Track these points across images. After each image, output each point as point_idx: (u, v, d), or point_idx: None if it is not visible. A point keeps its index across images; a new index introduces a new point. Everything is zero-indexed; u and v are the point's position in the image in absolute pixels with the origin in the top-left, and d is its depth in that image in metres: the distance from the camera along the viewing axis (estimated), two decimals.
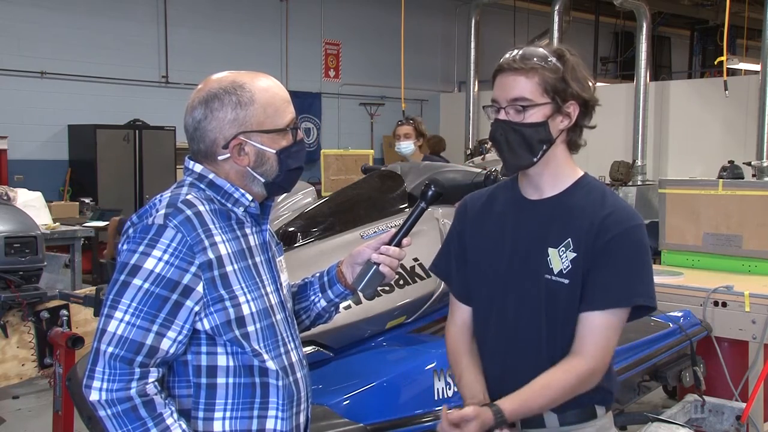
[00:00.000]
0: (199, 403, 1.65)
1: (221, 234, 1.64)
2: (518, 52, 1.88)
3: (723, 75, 9.48)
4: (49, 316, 4.39)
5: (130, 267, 1.58)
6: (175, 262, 1.58)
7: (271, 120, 1.70)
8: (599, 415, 1.96)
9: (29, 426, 4.79)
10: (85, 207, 8.68)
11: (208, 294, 1.61)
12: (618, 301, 1.84)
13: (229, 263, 1.64)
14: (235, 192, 1.70)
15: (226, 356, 1.64)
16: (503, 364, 1.96)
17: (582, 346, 1.85)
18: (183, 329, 1.59)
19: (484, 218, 2.02)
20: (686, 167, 10.79)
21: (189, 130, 1.72)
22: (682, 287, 4.14)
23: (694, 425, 3.61)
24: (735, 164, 8.62)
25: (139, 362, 1.56)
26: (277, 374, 1.68)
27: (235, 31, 12.05)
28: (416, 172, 3.51)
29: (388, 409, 2.59)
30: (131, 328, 1.56)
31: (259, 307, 1.68)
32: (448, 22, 14.82)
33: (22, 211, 5.08)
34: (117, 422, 1.55)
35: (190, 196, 1.65)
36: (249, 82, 1.70)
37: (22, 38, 9.99)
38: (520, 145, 1.88)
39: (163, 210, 1.61)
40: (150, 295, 1.57)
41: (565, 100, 1.87)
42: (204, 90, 1.70)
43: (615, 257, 1.84)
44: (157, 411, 1.57)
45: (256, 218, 1.76)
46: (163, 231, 1.58)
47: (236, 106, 1.67)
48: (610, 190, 1.98)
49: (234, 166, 1.70)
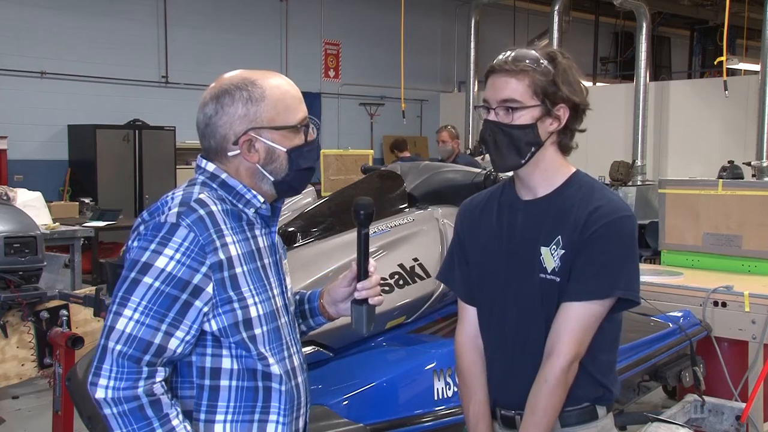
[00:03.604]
0: (201, 404, 1.64)
1: (232, 235, 1.63)
2: (511, 53, 1.89)
3: (723, 75, 9.49)
4: (48, 316, 4.39)
5: (141, 264, 1.57)
6: (186, 262, 1.56)
7: (282, 117, 1.69)
8: (600, 415, 1.96)
9: (29, 426, 4.78)
10: (85, 207, 8.68)
11: (218, 295, 1.60)
12: (596, 293, 1.84)
13: (239, 264, 1.63)
14: (247, 193, 1.69)
15: (231, 359, 1.63)
16: (505, 369, 1.97)
17: (555, 342, 1.85)
18: (191, 329, 1.58)
19: (482, 221, 2.03)
20: (686, 167, 10.79)
21: (200, 126, 1.71)
22: (682, 287, 4.14)
23: (694, 425, 3.61)
24: (735, 164, 8.62)
25: (147, 361, 1.55)
26: (280, 379, 1.68)
27: (235, 31, 12.05)
28: (416, 172, 3.51)
29: (388, 409, 2.59)
30: (140, 326, 1.54)
31: (267, 310, 1.67)
32: (448, 22, 14.83)
33: (21, 211, 5.08)
34: (122, 421, 1.54)
35: (203, 195, 1.64)
36: (260, 79, 1.70)
37: (22, 38, 9.99)
38: (508, 147, 1.88)
39: (176, 208, 1.60)
40: (160, 294, 1.55)
41: (555, 103, 1.87)
42: (216, 87, 1.70)
43: (596, 248, 1.83)
44: (164, 411, 1.56)
45: (266, 220, 1.75)
46: (175, 230, 1.57)
47: (247, 102, 1.66)
48: (600, 184, 1.97)
49: (244, 162, 1.69)
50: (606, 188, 1.96)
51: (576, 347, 1.85)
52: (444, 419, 2.63)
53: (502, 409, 1.99)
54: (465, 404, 2.05)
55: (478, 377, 2.02)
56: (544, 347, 1.89)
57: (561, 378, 1.84)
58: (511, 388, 1.95)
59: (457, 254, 2.09)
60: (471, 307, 2.06)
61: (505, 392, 1.97)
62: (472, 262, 2.03)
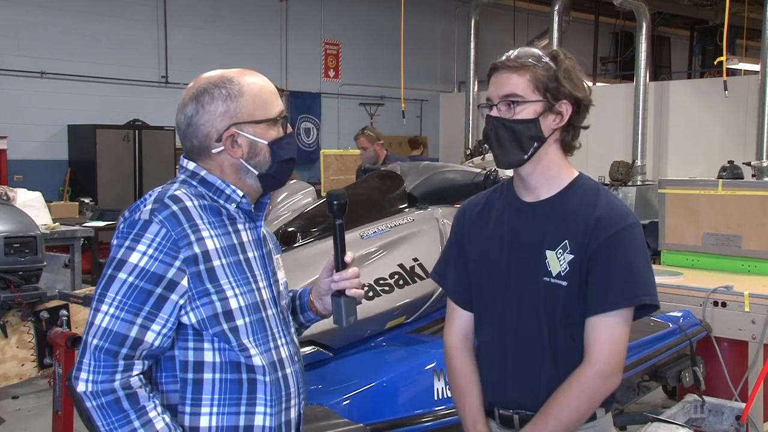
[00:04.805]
0: (186, 398, 1.66)
1: (210, 229, 1.66)
2: (513, 51, 1.90)
3: (723, 75, 9.48)
4: (48, 316, 4.38)
5: (116, 261, 1.62)
6: (159, 257, 1.60)
7: (261, 111, 1.73)
8: (599, 416, 1.95)
9: (29, 426, 4.79)
10: (85, 207, 8.68)
11: (194, 288, 1.62)
12: (618, 303, 1.84)
13: (216, 258, 1.65)
14: (227, 188, 1.72)
15: (213, 352, 1.66)
16: (503, 370, 1.96)
17: (587, 353, 1.85)
18: (168, 322, 1.61)
19: (482, 223, 2.02)
20: (686, 167, 10.79)
21: (181, 127, 1.74)
22: (682, 287, 4.14)
23: (694, 425, 3.61)
24: (735, 164, 8.62)
25: (124, 354, 1.58)
26: (264, 370, 1.69)
27: (235, 32, 12.05)
28: (416, 172, 3.51)
29: (388, 409, 2.59)
30: (116, 320, 1.58)
31: (249, 302, 1.69)
32: (448, 22, 14.82)
33: (21, 211, 5.08)
34: (101, 413, 1.58)
35: (178, 191, 1.67)
36: (237, 76, 1.74)
37: (22, 38, 9.99)
38: (511, 142, 1.88)
39: (150, 205, 1.64)
40: (134, 288, 1.59)
41: (557, 98, 1.87)
42: (194, 88, 1.74)
43: (611, 259, 1.83)
44: (140, 404, 1.59)
45: (249, 214, 1.77)
46: (147, 226, 1.61)
47: (226, 99, 1.70)
48: (604, 189, 1.97)
49: (228, 158, 1.72)
50: (610, 193, 1.96)
51: (607, 356, 1.83)
52: (444, 419, 2.63)
53: (500, 409, 1.98)
54: (459, 405, 2.05)
55: (470, 378, 2.02)
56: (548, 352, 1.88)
57: (585, 384, 1.83)
58: (510, 389, 1.95)
59: (453, 255, 2.09)
60: (461, 309, 2.06)
61: (503, 392, 1.97)
62: (471, 263, 2.03)
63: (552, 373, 1.89)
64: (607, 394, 1.88)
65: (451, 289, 2.09)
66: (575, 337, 1.88)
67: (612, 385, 1.86)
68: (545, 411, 1.87)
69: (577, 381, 1.84)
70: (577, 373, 1.85)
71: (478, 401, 2.00)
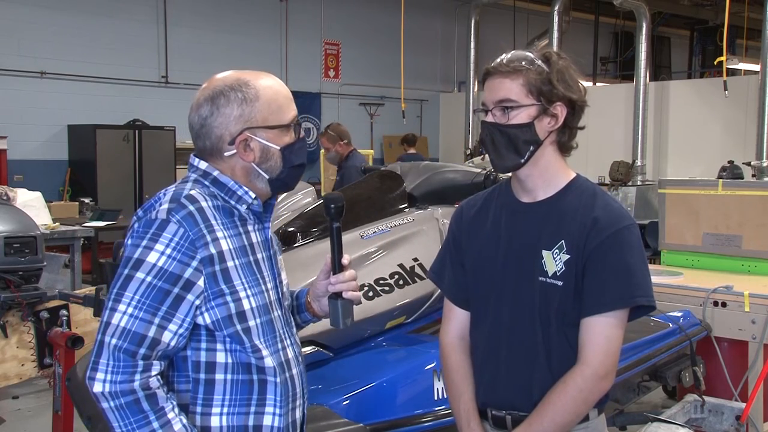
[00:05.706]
0: (198, 398, 1.67)
1: (223, 230, 1.67)
2: (506, 56, 1.90)
3: (723, 75, 9.49)
4: (48, 316, 4.39)
5: (133, 261, 1.61)
6: (177, 256, 1.60)
7: (275, 116, 1.73)
8: (591, 417, 1.95)
9: (29, 426, 4.78)
10: (85, 207, 8.68)
11: (209, 288, 1.63)
12: (614, 303, 1.84)
13: (230, 258, 1.66)
14: (239, 189, 1.73)
15: (225, 353, 1.66)
16: (496, 370, 1.96)
17: (582, 353, 1.85)
18: (184, 322, 1.61)
19: (479, 223, 2.03)
20: (686, 167, 10.80)
21: (195, 127, 1.74)
22: (682, 287, 4.14)
23: (694, 425, 3.61)
24: (735, 164, 8.62)
25: (143, 354, 1.57)
26: (274, 371, 1.70)
27: (235, 32, 12.05)
28: (416, 172, 3.51)
29: (388, 409, 2.59)
30: (134, 320, 1.58)
31: (259, 303, 1.70)
32: (448, 22, 14.83)
33: (21, 211, 5.08)
34: (119, 414, 1.57)
35: (193, 191, 1.67)
36: (253, 79, 1.73)
37: (22, 38, 9.99)
38: (507, 147, 1.89)
39: (166, 205, 1.63)
40: (153, 288, 1.59)
41: (552, 101, 1.87)
42: (209, 88, 1.73)
43: (608, 260, 1.83)
44: (159, 405, 1.59)
45: (258, 216, 1.78)
46: (165, 225, 1.61)
47: (242, 103, 1.70)
48: (601, 190, 1.97)
49: (239, 162, 1.72)
50: (607, 194, 1.96)
51: (602, 357, 1.84)
52: (444, 419, 2.63)
53: (493, 409, 1.98)
54: (454, 404, 2.05)
55: (465, 377, 2.02)
56: (542, 352, 1.88)
57: (581, 385, 1.83)
58: (503, 389, 1.95)
59: (450, 255, 2.09)
60: (458, 308, 2.07)
61: (496, 393, 1.96)
62: (468, 263, 2.03)
63: (545, 374, 1.89)
64: (601, 395, 1.89)
65: (447, 289, 2.09)
66: (569, 338, 1.88)
67: (606, 385, 1.87)
68: (540, 411, 1.87)
69: (573, 381, 1.84)
70: (572, 374, 1.85)
71: (472, 401, 2.00)
